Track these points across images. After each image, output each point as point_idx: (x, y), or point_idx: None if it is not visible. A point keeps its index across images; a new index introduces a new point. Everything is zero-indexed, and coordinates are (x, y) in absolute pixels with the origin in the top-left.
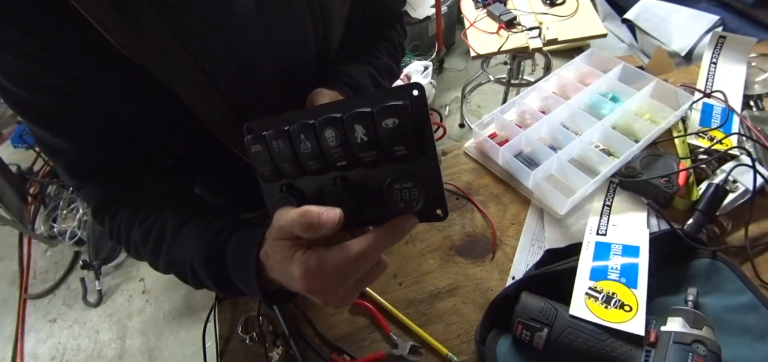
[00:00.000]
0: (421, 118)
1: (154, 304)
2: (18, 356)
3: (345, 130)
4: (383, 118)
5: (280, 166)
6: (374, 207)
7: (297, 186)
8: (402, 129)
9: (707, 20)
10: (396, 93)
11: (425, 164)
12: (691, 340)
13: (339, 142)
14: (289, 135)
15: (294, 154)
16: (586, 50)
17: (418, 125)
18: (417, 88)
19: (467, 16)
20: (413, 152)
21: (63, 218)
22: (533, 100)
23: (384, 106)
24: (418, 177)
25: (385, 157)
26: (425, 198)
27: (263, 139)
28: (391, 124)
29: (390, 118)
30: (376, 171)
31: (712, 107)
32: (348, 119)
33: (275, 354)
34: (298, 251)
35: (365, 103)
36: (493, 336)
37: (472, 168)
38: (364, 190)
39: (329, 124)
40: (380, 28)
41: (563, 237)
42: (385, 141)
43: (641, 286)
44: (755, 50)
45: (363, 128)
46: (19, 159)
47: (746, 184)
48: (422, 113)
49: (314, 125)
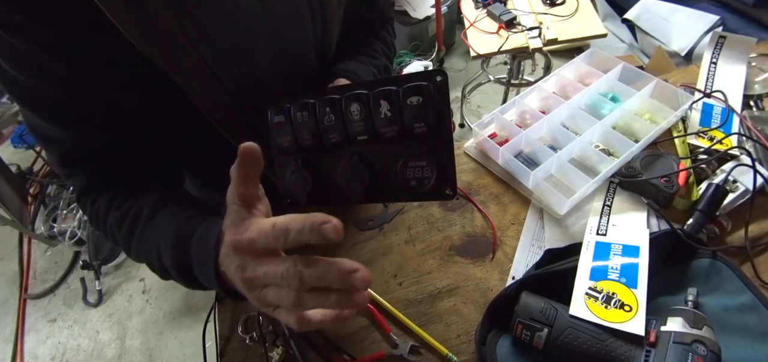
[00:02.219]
0: (443, 100)
1: (154, 304)
2: (18, 356)
3: (370, 105)
4: (409, 95)
5: (300, 137)
6: (385, 185)
7: (312, 161)
8: (424, 107)
9: (707, 20)
10: (421, 76)
11: (441, 144)
12: (691, 340)
13: (363, 116)
14: (314, 107)
15: (316, 126)
16: (586, 50)
17: (439, 107)
18: (440, 74)
19: (467, 16)
20: (431, 130)
21: (63, 218)
22: (533, 100)
23: (410, 85)
24: (433, 156)
25: (405, 134)
26: (437, 176)
27: (288, 110)
28: (415, 101)
29: (415, 96)
30: (393, 148)
31: (712, 107)
32: (375, 95)
33: (275, 354)
34: None
35: (390, 83)
36: (493, 336)
37: (472, 168)
38: (378, 167)
39: (356, 98)
40: (374, 29)
41: (563, 237)
42: (407, 117)
43: (641, 286)
44: (755, 50)
45: (388, 103)
46: (19, 159)
47: (746, 184)
48: (443, 97)
49: (341, 100)
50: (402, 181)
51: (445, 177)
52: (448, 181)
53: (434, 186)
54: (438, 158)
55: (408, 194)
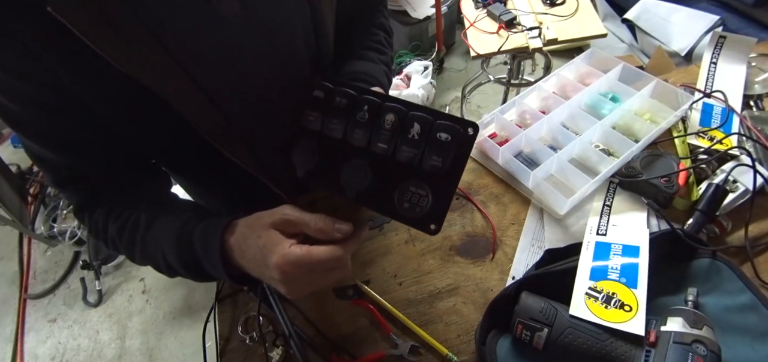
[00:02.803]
0: (464, 150)
1: (154, 304)
2: (18, 356)
3: (405, 122)
4: (440, 130)
5: (328, 120)
6: (380, 195)
7: (325, 144)
8: (449, 147)
9: (707, 20)
10: (456, 120)
11: (447, 184)
12: (691, 340)
13: (394, 127)
14: (354, 100)
15: (347, 118)
16: (586, 50)
17: (459, 154)
18: (472, 127)
19: (467, 16)
20: (445, 169)
21: (63, 218)
22: (533, 100)
23: (444, 123)
24: (435, 190)
25: (421, 161)
26: (430, 210)
27: (329, 90)
28: (443, 138)
29: (445, 133)
30: (403, 168)
31: (712, 107)
32: (412, 115)
33: (275, 354)
34: (288, 242)
35: (428, 112)
36: (493, 336)
37: (472, 168)
38: (382, 178)
39: (394, 110)
40: (372, 17)
41: (563, 237)
42: (430, 147)
43: (641, 286)
44: (755, 50)
45: (420, 128)
46: (19, 159)
47: (746, 184)
48: (466, 147)
49: (380, 104)
50: (396, 198)
51: (436, 213)
52: (437, 219)
53: (423, 217)
54: (438, 195)
55: (396, 213)
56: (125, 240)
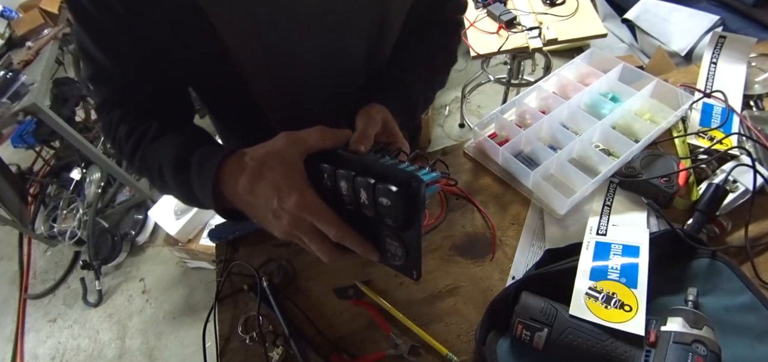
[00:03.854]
0: (411, 205)
1: (154, 304)
2: (18, 356)
3: (355, 188)
4: (380, 195)
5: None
6: (376, 245)
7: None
8: (394, 208)
9: (707, 20)
10: (399, 175)
11: (409, 236)
12: (691, 340)
13: (349, 191)
14: (321, 171)
15: (318, 179)
16: (586, 50)
17: (408, 208)
18: (415, 180)
19: (467, 16)
20: (399, 227)
21: (63, 218)
22: (533, 100)
23: (382, 187)
24: (404, 242)
25: (380, 219)
26: (406, 259)
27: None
28: (384, 202)
29: (384, 197)
30: (378, 225)
31: (712, 107)
32: (357, 183)
33: (275, 354)
34: (309, 188)
35: (375, 171)
36: (493, 336)
37: (472, 168)
38: (368, 233)
39: (343, 177)
40: (440, 37)
41: (563, 237)
42: (380, 209)
43: (641, 286)
44: (755, 50)
45: (365, 193)
46: (19, 159)
47: (746, 184)
48: (412, 202)
49: (334, 172)
50: (383, 249)
51: (412, 262)
52: (415, 266)
53: (403, 265)
54: (407, 247)
55: (388, 262)
56: (131, 143)
